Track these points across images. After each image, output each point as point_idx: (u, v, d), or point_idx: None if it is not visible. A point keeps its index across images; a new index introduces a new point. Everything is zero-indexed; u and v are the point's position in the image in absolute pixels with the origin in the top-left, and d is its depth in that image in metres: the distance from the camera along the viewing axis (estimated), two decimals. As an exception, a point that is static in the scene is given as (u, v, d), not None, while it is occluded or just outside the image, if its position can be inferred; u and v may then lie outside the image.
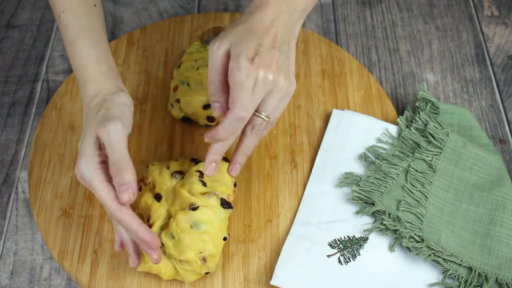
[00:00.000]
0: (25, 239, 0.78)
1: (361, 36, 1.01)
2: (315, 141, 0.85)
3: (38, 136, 0.85)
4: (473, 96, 0.94)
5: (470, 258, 0.74)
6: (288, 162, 0.83)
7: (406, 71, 0.97)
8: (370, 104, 0.89)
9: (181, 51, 0.95)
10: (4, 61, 0.97)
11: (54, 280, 0.75)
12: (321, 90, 0.91)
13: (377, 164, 0.81)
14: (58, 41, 1.00)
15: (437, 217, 0.77)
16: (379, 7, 1.06)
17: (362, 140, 0.84)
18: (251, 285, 0.73)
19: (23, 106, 0.91)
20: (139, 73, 0.92)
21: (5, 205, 0.81)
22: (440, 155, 0.81)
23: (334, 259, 0.74)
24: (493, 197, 0.78)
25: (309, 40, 0.97)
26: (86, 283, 0.73)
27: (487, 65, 0.98)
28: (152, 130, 0.86)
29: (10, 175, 0.84)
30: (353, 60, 0.94)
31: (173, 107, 0.85)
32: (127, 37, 0.97)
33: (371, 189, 0.78)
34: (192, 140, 0.85)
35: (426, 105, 0.87)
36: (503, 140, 0.89)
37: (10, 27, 1.02)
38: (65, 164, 0.82)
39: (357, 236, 0.76)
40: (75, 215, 0.78)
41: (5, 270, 0.76)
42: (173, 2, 1.06)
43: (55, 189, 0.80)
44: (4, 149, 0.87)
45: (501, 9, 1.06)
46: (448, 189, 0.80)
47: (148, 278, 0.73)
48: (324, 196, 0.79)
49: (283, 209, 0.79)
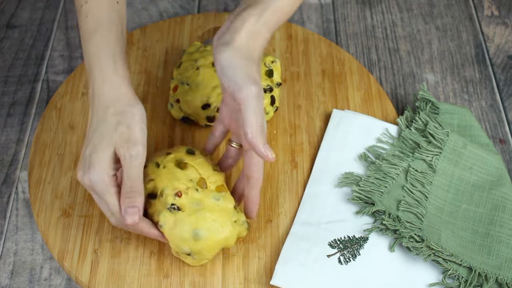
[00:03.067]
0: (25, 239, 0.78)
1: (361, 36, 1.01)
2: (315, 141, 0.85)
3: (38, 136, 0.85)
4: (473, 96, 0.94)
5: (470, 258, 0.74)
6: (288, 162, 0.83)
7: (406, 71, 0.97)
8: (370, 104, 0.89)
9: (181, 51, 0.95)
10: (4, 61, 0.97)
11: (54, 280, 0.75)
12: (321, 90, 0.91)
13: (377, 164, 0.81)
14: (58, 41, 1.00)
15: (437, 217, 0.77)
16: (379, 7, 1.06)
17: (362, 140, 0.84)
18: (251, 285, 0.73)
19: (23, 106, 0.91)
20: (139, 73, 0.92)
21: (5, 205, 0.81)
22: (440, 155, 0.81)
23: (334, 259, 0.74)
24: (493, 197, 0.78)
25: (309, 40, 0.97)
26: (86, 283, 0.73)
27: (487, 65, 0.98)
28: (152, 130, 0.86)
29: (10, 175, 0.84)
30: (353, 60, 0.94)
31: (173, 107, 0.85)
32: (127, 37, 0.97)
33: (371, 189, 0.78)
34: (192, 140, 0.85)
35: (426, 105, 0.87)
36: (503, 140, 0.89)
37: (10, 27, 1.02)
38: (65, 164, 0.82)
39: (357, 236, 0.76)
40: (75, 215, 0.78)
41: (5, 270, 0.76)
42: (173, 2, 1.06)
43: (55, 189, 0.80)
44: (4, 149, 0.87)
45: (501, 9, 1.06)
46: (448, 189, 0.80)
47: (148, 278, 0.73)
48: (324, 196, 0.79)
49: (283, 209, 0.79)
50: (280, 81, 0.86)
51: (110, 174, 0.67)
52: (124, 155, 0.66)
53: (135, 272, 0.73)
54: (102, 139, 0.67)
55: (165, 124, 0.87)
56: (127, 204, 0.66)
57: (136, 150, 0.67)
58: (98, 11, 0.71)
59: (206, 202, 0.71)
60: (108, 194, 0.67)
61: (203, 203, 0.70)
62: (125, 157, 0.66)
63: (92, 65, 0.70)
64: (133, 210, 0.66)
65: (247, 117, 0.65)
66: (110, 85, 0.69)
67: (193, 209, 0.70)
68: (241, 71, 0.65)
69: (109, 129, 0.67)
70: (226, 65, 0.65)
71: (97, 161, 0.66)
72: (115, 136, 0.67)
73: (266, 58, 0.86)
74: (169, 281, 0.73)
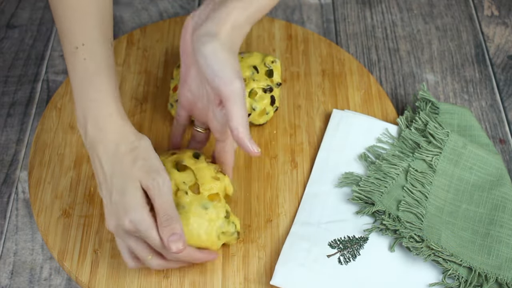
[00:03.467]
0: (25, 239, 0.78)
1: (361, 36, 1.01)
2: (315, 141, 0.85)
3: (38, 136, 0.85)
4: (473, 96, 0.94)
5: (470, 258, 0.74)
6: (288, 162, 0.83)
7: (406, 71, 0.97)
8: (370, 104, 0.89)
9: (181, 51, 0.95)
10: (4, 61, 0.97)
11: (54, 280, 0.75)
12: (321, 90, 0.91)
13: (377, 164, 0.81)
14: (58, 41, 1.00)
15: (437, 217, 0.77)
16: (379, 7, 1.06)
17: (362, 140, 0.84)
18: (251, 285, 0.73)
19: (23, 106, 0.91)
20: (139, 73, 0.92)
21: (5, 205, 0.81)
22: (440, 155, 0.81)
23: (334, 259, 0.74)
24: (493, 197, 0.78)
25: (309, 40, 0.97)
26: (86, 283, 0.73)
27: (487, 65, 0.98)
28: (152, 130, 0.86)
29: (10, 175, 0.84)
30: (353, 60, 0.94)
31: (173, 107, 0.85)
32: (127, 37, 0.97)
33: (371, 189, 0.78)
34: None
35: (426, 105, 0.87)
36: (503, 140, 0.89)
37: (10, 27, 1.02)
38: (65, 164, 0.82)
39: (357, 236, 0.76)
40: (75, 215, 0.78)
41: (5, 270, 0.76)
42: (173, 2, 1.06)
43: (55, 189, 0.80)
44: (4, 149, 0.87)
45: (501, 9, 1.06)
46: (448, 189, 0.80)
47: (148, 278, 0.73)
48: (324, 196, 0.79)
49: (283, 209, 0.79)
50: (280, 81, 0.86)
51: (148, 210, 0.65)
52: (152, 186, 0.65)
53: (135, 272, 0.73)
54: (125, 179, 0.66)
55: (165, 124, 0.87)
56: (167, 232, 0.64)
57: (162, 177, 0.66)
58: (96, 54, 0.69)
59: (193, 207, 0.70)
60: (152, 231, 0.65)
61: (189, 208, 0.70)
62: (153, 187, 0.65)
63: (94, 110, 0.68)
64: (175, 237, 0.64)
65: (234, 113, 0.65)
66: (117, 128, 0.68)
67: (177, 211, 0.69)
68: (228, 65, 0.65)
69: (128, 168, 0.66)
70: (212, 58, 0.65)
71: (133, 202, 0.65)
72: (136, 172, 0.66)
73: (266, 58, 0.86)
74: (169, 281, 0.73)
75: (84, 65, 0.68)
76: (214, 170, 0.74)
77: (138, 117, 0.87)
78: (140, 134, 0.69)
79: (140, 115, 0.88)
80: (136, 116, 0.87)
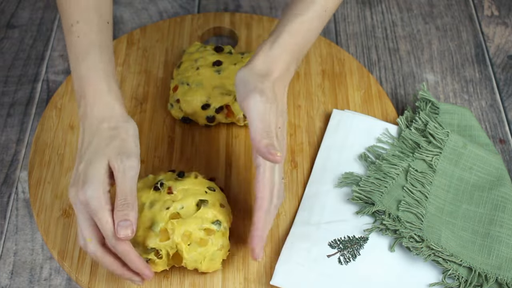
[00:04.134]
0: (25, 239, 0.78)
1: (361, 36, 1.01)
2: (315, 141, 0.85)
3: (38, 136, 0.85)
4: (473, 96, 0.94)
5: (470, 258, 0.74)
6: (288, 162, 0.83)
7: (406, 71, 0.97)
8: (370, 104, 0.89)
9: (181, 51, 0.95)
10: (4, 61, 0.97)
11: (54, 280, 0.75)
12: (321, 90, 0.91)
13: (377, 164, 0.81)
14: (58, 41, 1.00)
15: (437, 217, 0.77)
16: (379, 7, 1.06)
17: (362, 140, 0.84)
18: (251, 285, 0.73)
19: (23, 106, 0.91)
20: (139, 73, 0.92)
21: (5, 205, 0.81)
22: (440, 155, 0.81)
23: (334, 259, 0.74)
24: (493, 197, 0.78)
25: (309, 40, 0.97)
26: (86, 283, 0.73)
27: (487, 65, 0.98)
28: (152, 130, 0.86)
29: (10, 175, 0.84)
30: (353, 60, 0.94)
31: (173, 107, 0.85)
32: (127, 37, 0.97)
33: (371, 189, 0.78)
34: (192, 140, 0.85)
35: (426, 105, 0.87)
36: (503, 140, 0.89)
37: (10, 27, 1.02)
38: (65, 164, 0.82)
39: (357, 236, 0.76)
40: (75, 215, 0.78)
41: (5, 270, 0.76)
42: (173, 2, 1.06)
43: (55, 189, 0.80)
44: (4, 149, 0.87)
45: (501, 9, 1.06)
46: (448, 189, 0.80)
47: (148, 278, 0.73)
48: (324, 196, 0.79)
49: (283, 209, 0.79)
50: (280, 81, 0.86)
51: (105, 190, 0.64)
52: (118, 167, 0.65)
53: (135, 272, 0.73)
54: (96, 154, 0.66)
55: (165, 124, 0.87)
56: (120, 218, 0.63)
57: (130, 162, 0.65)
58: (90, 32, 0.70)
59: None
60: (102, 211, 0.64)
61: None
62: (119, 169, 0.65)
63: (84, 86, 0.69)
64: (126, 223, 0.63)
65: (251, 123, 0.66)
66: (104, 105, 0.68)
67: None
68: (250, 84, 0.67)
69: (103, 143, 0.66)
70: (239, 82, 0.69)
71: (92, 176, 0.64)
72: (109, 149, 0.66)
73: (266, 58, 0.86)
74: (169, 281, 0.73)
75: (77, 42, 0.70)
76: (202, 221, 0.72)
77: (138, 117, 0.87)
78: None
79: (140, 115, 0.88)
80: (136, 116, 0.87)
